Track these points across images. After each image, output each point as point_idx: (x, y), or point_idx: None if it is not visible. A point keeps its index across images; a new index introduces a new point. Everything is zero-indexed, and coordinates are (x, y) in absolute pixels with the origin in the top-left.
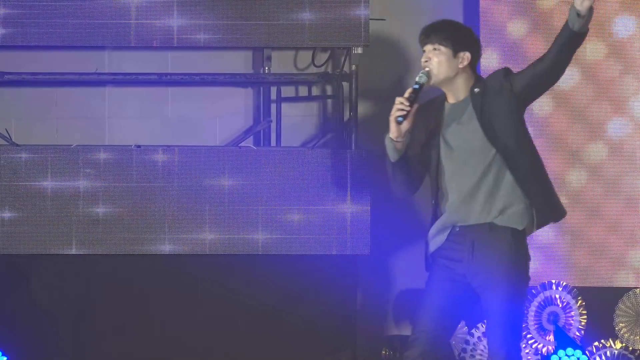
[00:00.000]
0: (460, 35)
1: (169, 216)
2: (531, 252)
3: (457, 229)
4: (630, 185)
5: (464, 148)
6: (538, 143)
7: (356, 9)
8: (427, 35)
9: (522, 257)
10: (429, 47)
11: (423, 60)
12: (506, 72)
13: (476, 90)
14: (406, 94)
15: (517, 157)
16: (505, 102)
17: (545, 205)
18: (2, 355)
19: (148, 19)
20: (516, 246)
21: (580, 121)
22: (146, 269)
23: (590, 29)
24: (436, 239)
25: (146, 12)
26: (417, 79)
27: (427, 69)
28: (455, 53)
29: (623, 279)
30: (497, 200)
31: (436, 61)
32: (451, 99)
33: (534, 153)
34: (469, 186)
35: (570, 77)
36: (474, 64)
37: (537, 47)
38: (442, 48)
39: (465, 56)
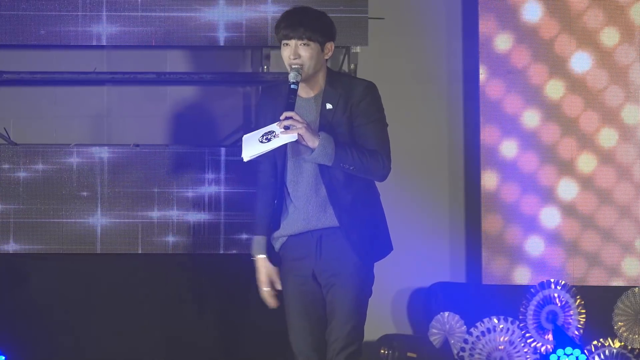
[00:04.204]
0: (327, 26)
1: (168, 215)
2: (531, 251)
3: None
4: (639, 176)
5: (301, 153)
6: (549, 128)
7: (355, 8)
8: (294, 29)
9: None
10: (294, 42)
11: (291, 56)
12: (363, 95)
13: (329, 106)
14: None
15: (341, 187)
16: (347, 125)
17: (365, 242)
18: (1, 354)
19: (147, 17)
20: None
21: (592, 107)
22: (146, 269)
23: (607, 15)
24: (280, 240)
25: (145, 11)
26: (291, 79)
27: (297, 65)
28: (323, 46)
29: (622, 278)
30: (327, 217)
31: (307, 57)
32: (302, 93)
33: (365, 187)
34: (304, 192)
35: (583, 63)
36: None
37: (545, 35)
38: (312, 43)
39: (331, 47)
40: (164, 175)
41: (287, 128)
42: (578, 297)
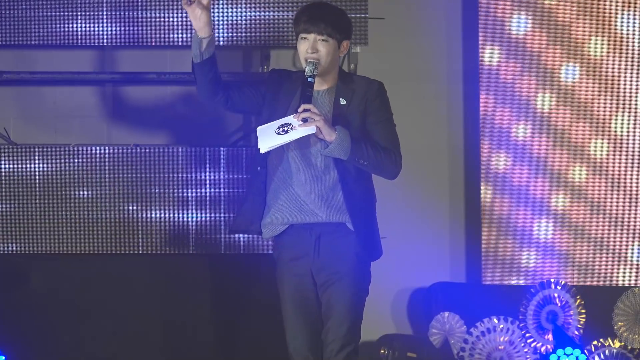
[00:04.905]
0: (346, 25)
1: (168, 215)
2: (530, 251)
3: (299, 225)
4: (632, 182)
5: (309, 142)
6: (541, 137)
7: (355, 8)
8: (315, 23)
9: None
10: (313, 36)
11: (309, 50)
12: (378, 93)
13: (342, 102)
14: (307, 93)
15: (352, 180)
16: (360, 121)
17: (367, 239)
18: (1, 354)
19: (147, 18)
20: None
21: (583, 117)
22: (146, 269)
23: (594, 26)
24: (272, 228)
25: (145, 11)
26: (308, 72)
27: (313, 60)
28: (340, 43)
29: (622, 278)
30: (330, 209)
31: (324, 52)
32: (315, 85)
33: (368, 185)
34: (309, 177)
35: (573, 75)
36: None
37: (537, 43)
38: (331, 39)
39: (347, 45)
40: (164, 175)
41: (305, 120)
42: (578, 297)
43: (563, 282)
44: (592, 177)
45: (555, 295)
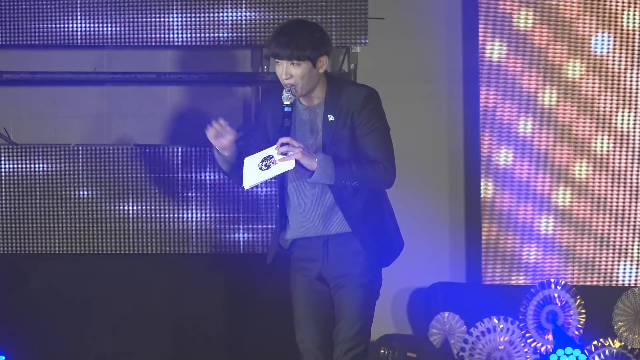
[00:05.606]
0: (318, 42)
1: (168, 215)
2: (531, 251)
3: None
4: (635, 178)
5: (302, 175)
6: (544, 133)
7: (355, 8)
8: (283, 49)
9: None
10: (285, 62)
11: (284, 77)
12: (364, 104)
13: (331, 118)
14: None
15: (350, 196)
16: (350, 135)
17: (374, 247)
18: (1, 354)
19: (147, 17)
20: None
21: (587, 113)
22: (146, 269)
23: (600, 21)
24: (285, 242)
25: (145, 11)
26: (285, 101)
27: (290, 85)
28: (315, 62)
29: (624, 274)
30: (333, 225)
31: (299, 75)
32: (304, 101)
33: (370, 193)
34: (309, 201)
35: (577, 70)
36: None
37: (541, 39)
38: (302, 62)
39: (325, 60)
40: (164, 175)
41: (284, 154)
42: (578, 297)
43: (563, 282)
44: (595, 173)
45: (555, 295)
